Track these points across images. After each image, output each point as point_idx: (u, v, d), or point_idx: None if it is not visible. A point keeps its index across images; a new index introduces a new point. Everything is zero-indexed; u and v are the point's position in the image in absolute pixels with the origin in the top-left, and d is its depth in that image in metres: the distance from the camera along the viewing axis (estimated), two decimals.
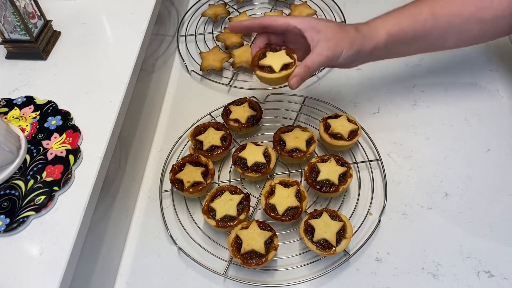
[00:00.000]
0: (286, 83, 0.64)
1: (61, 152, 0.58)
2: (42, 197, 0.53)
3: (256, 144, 0.70)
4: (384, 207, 0.67)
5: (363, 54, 0.65)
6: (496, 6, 0.64)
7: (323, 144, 0.75)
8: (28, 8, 0.66)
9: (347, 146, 0.71)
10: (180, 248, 0.66)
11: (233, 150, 0.73)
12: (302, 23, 0.63)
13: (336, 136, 0.71)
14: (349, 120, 0.72)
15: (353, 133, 0.71)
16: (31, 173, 0.56)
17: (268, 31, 0.66)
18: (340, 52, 0.63)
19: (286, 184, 0.66)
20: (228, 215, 0.64)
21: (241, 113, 0.74)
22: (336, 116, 0.73)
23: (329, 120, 0.72)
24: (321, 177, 0.66)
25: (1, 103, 0.64)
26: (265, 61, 0.65)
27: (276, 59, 0.64)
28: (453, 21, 0.66)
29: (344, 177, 0.66)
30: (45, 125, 0.61)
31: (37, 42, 0.68)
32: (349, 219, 0.63)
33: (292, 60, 0.64)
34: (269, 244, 0.61)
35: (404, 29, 0.66)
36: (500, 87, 0.81)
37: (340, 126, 0.71)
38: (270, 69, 0.64)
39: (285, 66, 0.63)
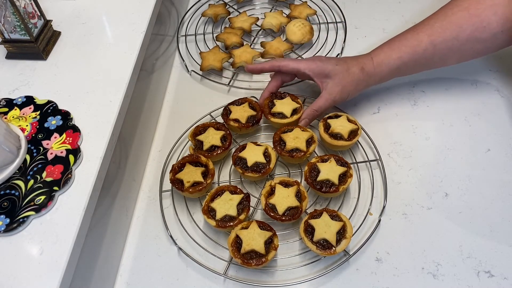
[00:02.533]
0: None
1: (61, 152, 0.58)
2: (42, 197, 0.53)
3: (256, 144, 0.70)
4: (384, 207, 0.67)
5: (363, 89, 0.74)
6: (492, 25, 0.66)
7: (323, 144, 0.75)
8: (28, 8, 0.66)
9: (347, 146, 0.71)
10: (180, 248, 0.66)
11: (233, 150, 0.73)
12: (310, 69, 0.71)
13: (336, 136, 0.71)
14: (349, 120, 0.72)
15: (353, 133, 0.71)
16: (31, 173, 0.56)
17: (281, 72, 0.75)
18: (346, 95, 0.72)
19: (286, 184, 0.66)
20: (228, 215, 0.64)
21: (241, 113, 0.74)
22: (336, 116, 0.73)
23: (329, 120, 0.72)
24: (321, 177, 0.66)
25: (1, 103, 0.64)
26: (276, 109, 0.75)
27: (285, 106, 0.74)
28: (452, 45, 0.69)
29: (344, 177, 0.66)
30: (45, 125, 0.61)
31: (37, 42, 0.68)
32: (349, 219, 0.63)
33: (299, 105, 0.75)
34: (269, 244, 0.61)
35: (406, 62, 0.71)
36: (500, 87, 0.81)
37: (340, 126, 0.71)
38: (281, 115, 0.74)
39: (294, 111, 0.74)
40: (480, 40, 0.68)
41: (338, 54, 0.88)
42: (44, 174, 0.56)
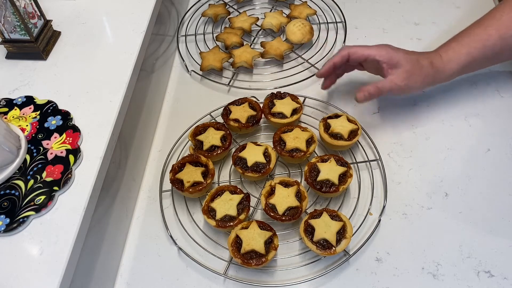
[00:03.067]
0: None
1: (61, 152, 0.58)
2: (42, 197, 0.53)
3: (256, 144, 0.70)
4: (384, 207, 0.67)
5: (430, 85, 0.72)
6: None
7: (323, 144, 0.75)
8: (28, 8, 0.66)
9: (347, 146, 0.71)
10: (180, 248, 0.66)
11: (233, 150, 0.73)
12: (381, 55, 0.69)
13: (336, 136, 0.71)
14: (349, 120, 0.72)
15: (353, 133, 0.71)
16: (31, 173, 0.56)
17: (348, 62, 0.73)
18: (412, 85, 0.69)
19: (286, 184, 0.66)
20: (228, 215, 0.64)
21: (241, 113, 0.74)
22: (336, 116, 0.73)
23: (329, 120, 0.72)
24: (321, 177, 0.66)
25: (1, 103, 0.64)
26: (276, 109, 0.74)
27: (285, 106, 0.74)
28: None
29: (344, 177, 0.66)
30: (45, 125, 0.61)
31: (37, 42, 0.68)
32: (349, 219, 0.63)
33: (299, 105, 0.75)
34: (269, 244, 0.61)
35: (475, 58, 0.69)
36: (500, 87, 0.81)
37: (340, 126, 0.71)
38: (281, 115, 0.74)
39: (294, 111, 0.74)
40: None
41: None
42: (44, 174, 0.56)
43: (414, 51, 0.71)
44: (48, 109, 0.63)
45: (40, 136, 0.60)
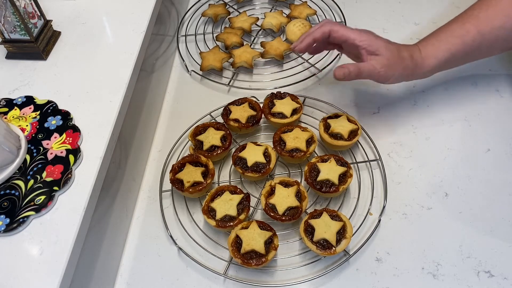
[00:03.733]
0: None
1: (61, 152, 0.58)
2: (42, 197, 0.53)
3: (256, 144, 0.70)
4: (384, 207, 0.67)
5: (408, 79, 0.71)
6: None
7: (323, 144, 0.75)
8: (28, 8, 0.66)
9: (347, 146, 0.71)
10: (180, 248, 0.66)
11: (233, 150, 0.73)
12: (361, 40, 0.66)
13: (336, 136, 0.71)
14: (349, 120, 0.72)
15: (353, 133, 0.71)
16: (31, 173, 0.56)
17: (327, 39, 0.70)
18: (391, 75, 0.68)
19: (286, 184, 0.66)
20: (228, 215, 0.64)
21: (241, 113, 0.74)
22: (336, 116, 0.73)
23: (329, 120, 0.72)
24: (321, 177, 0.66)
25: (1, 103, 0.64)
26: (276, 109, 0.74)
27: (285, 106, 0.74)
28: (499, 34, 0.67)
29: (344, 177, 0.66)
30: (45, 125, 0.61)
31: (37, 42, 0.68)
32: (349, 219, 0.63)
33: (299, 105, 0.75)
34: (269, 244, 0.61)
35: (454, 54, 0.69)
36: (500, 87, 0.81)
37: (340, 126, 0.71)
38: (281, 115, 0.74)
39: (294, 111, 0.74)
40: None
41: (338, 54, 0.88)
42: (44, 174, 0.56)
43: (395, 42, 0.70)
44: (48, 109, 0.63)
45: (40, 136, 0.60)
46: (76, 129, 0.60)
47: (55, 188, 0.54)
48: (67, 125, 0.61)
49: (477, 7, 0.70)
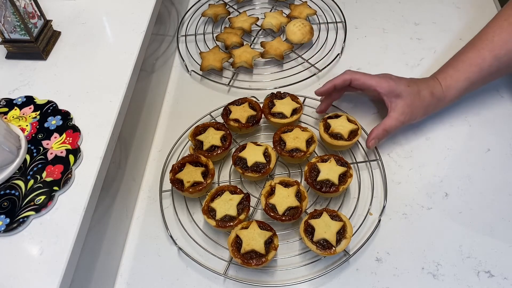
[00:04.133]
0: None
1: (61, 152, 0.58)
2: (42, 197, 0.53)
3: (256, 144, 0.70)
4: (384, 207, 0.67)
5: (431, 113, 0.73)
6: None
7: (323, 144, 0.75)
8: (28, 8, 0.66)
9: (347, 146, 0.71)
10: (180, 248, 0.66)
11: (233, 150, 0.73)
12: (382, 87, 0.69)
13: (336, 136, 0.71)
14: (349, 120, 0.72)
15: (353, 133, 0.71)
16: (31, 173, 0.56)
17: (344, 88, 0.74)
18: (414, 118, 0.71)
19: (286, 184, 0.66)
20: (228, 215, 0.64)
21: (241, 113, 0.74)
22: (336, 116, 0.73)
23: (329, 120, 0.72)
24: (321, 177, 0.66)
25: (1, 103, 0.64)
26: (276, 109, 0.74)
27: (285, 106, 0.74)
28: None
29: (344, 177, 0.66)
30: (45, 125, 0.61)
31: (37, 42, 0.68)
32: (349, 219, 0.63)
33: (299, 105, 0.75)
34: (269, 244, 0.61)
35: (473, 82, 0.70)
36: (500, 87, 0.81)
37: (340, 126, 0.71)
38: (281, 115, 0.74)
39: (294, 111, 0.74)
40: None
41: (338, 54, 0.88)
42: (44, 174, 0.56)
43: (416, 80, 0.71)
44: (48, 109, 0.63)
45: (40, 136, 0.60)
46: (76, 129, 0.60)
47: (55, 188, 0.54)
48: (67, 125, 0.61)
49: (490, 31, 0.70)
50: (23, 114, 0.62)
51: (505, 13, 0.70)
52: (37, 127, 0.61)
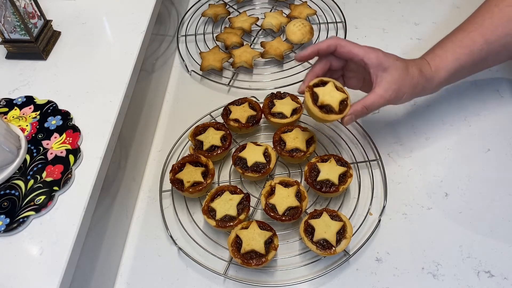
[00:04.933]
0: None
1: (61, 152, 0.58)
2: (42, 197, 0.53)
3: (256, 144, 0.70)
4: (384, 207, 0.67)
5: (419, 95, 0.67)
6: None
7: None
8: (28, 8, 0.66)
9: (336, 119, 0.63)
10: (180, 248, 0.66)
11: (233, 150, 0.73)
12: (369, 58, 0.62)
13: (327, 109, 0.62)
14: (337, 88, 0.63)
15: (343, 104, 0.62)
16: (31, 173, 0.56)
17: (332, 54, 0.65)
18: (401, 97, 0.64)
19: (286, 184, 0.66)
20: (228, 215, 0.64)
21: (241, 113, 0.74)
22: (323, 83, 0.64)
23: (316, 89, 0.63)
24: (321, 177, 0.66)
25: (1, 103, 0.64)
26: (276, 109, 0.73)
27: (285, 106, 0.73)
28: (505, 42, 0.66)
29: (344, 177, 0.66)
30: (45, 125, 0.61)
31: (37, 42, 0.68)
32: (349, 219, 0.63)
33: (299, 105, 0.74)
34: (269, 244, 0.61)
35: (463, 65, 0.66)
36: (500, 87, 0.81)
37: (329, 95, 0.62)
38: (281, 115, 0.73)
39: (294, 111, 0.73)
40: None
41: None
42: (44, 174, 0.56)
43: (402, 58, 0.65)
44: (48, 109, 0.63)
45: (40, 136, 0.60)
46: (76, 129, 0.60)
47: (55, 188, 0.54)
48: (67, 125, 0.61)
49: (479, 15, 0.68)
50: (23, 114, 0.62)
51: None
52: (37, 127, 0.61)
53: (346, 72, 0.68)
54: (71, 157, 0.57)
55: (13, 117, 0.62)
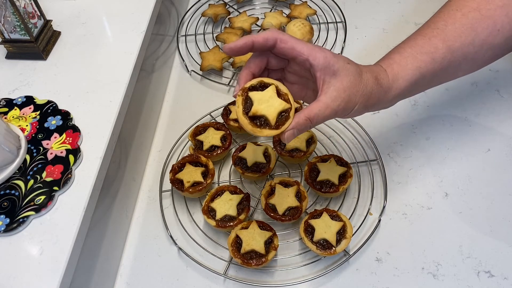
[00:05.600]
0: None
1: (61, 152, 0.58)
2: (42, 197, 0.53)
3: (256, 144, 0.70)
4: (384, 207, 0.67)
5: (372, 109, 0.56)
6: (506, 28, 0.57)
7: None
8: (28, 8, 0.66)
9: (269, 135, 0.48)
10: (180, 248, 0.66)
11: (233, 150, 0.73)
12: (316, 58, 0.50)
13: (260, 121, 0.48)
14: (279, 94, 0.49)
15: (283, 116, 0.48)
16: (31, 173, 0.56)
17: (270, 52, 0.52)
18: (351, 108, 0.52)
19: (286, 184, 0.66)
20: (228, 215, 0.64)
21: None
22: (263, 87, 0.49)
23: (251, 93, 0.48)
24: (321, 177, 0.66)
25: (1, 103, 0.64)
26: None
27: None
28: (467, 51, 0.58)
29: (344, 177, 0.66)
30: (45, 125, 0.61)
31: (37, 42, 0.68)
32: (349, 219, 0.63)
33: (299, 105, 0.55)
34: (269, 244, 0.61)
35: (423, 73, 0.57)
36: (500, 87, 0.81)
37: (266, 104, 0.48)
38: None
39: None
40: (493, 47, 0.58)
41: (342, 47, 0.88)
42: (44, 174, 0.56)
43: (355, 62, 0.54)
44: (48, 109, 0.63)
45: (40, 136, 0.60)
46: (76, 129, 0.60)
47: (55, 188, 0.54)
48: (67, 125, 0.61)
49: (440, 20, 0.60)
50: (23, 114, 0.62)
51: (456, 3, 0.60)
52: (37, 127, 0.61)
53: (287, 74, 0.55)
54: (71, 157, 0.57)
55: (13, 117, 0.62)
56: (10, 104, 0.64)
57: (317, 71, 0.50)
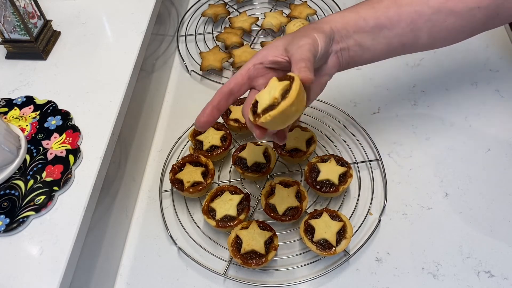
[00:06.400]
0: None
1: (61, 152, 0.58)
2: (42, 197, 0.53)
3: (256, 144, 0.70)
4: (384, 207, 0.67)
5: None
6: None
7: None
8: (28, 8, 0.66)
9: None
10: (180, 248, 0.66)
11: (233, 150, 0.73)
12: (275, 54, 0.52)
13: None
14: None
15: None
16: (31, 173, 0.56)
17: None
18: (315, 39, 0.50)
19: (286, 184, 0.66)
20: (228, 215, 0.64)
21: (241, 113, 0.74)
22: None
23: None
24: (321, 177, 0.66)
25: (1, 103, 0.64)
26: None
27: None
28: (420, 10, 0.55)
29: (344, 177, 0.66)
30: (45, 125, 0.61)
31: (37, 42, 0.68)
32: (349, 219, 0.63)
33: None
34: (269, 244, 0.61)
35: (364, 17, 0.55)
36: (500, 87, 0.81)
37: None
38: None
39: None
40: (453, 13, 0.55)
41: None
42: (44, 174, 0.56)
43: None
44: (48, 109, 0.63)
45: (40, 136, 0.60)
46: (76, 129, 0.60)
47: (55, 188, 0.54)
48: (67, 125, 0.61)
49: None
50: (23, 114, 0.62)
51: None
52: (37, 127, 0.61)
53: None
54: (71, 157, 0.57)
55: (13, 117, 0.62)
56: (10, 104, 0.64)
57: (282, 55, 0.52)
